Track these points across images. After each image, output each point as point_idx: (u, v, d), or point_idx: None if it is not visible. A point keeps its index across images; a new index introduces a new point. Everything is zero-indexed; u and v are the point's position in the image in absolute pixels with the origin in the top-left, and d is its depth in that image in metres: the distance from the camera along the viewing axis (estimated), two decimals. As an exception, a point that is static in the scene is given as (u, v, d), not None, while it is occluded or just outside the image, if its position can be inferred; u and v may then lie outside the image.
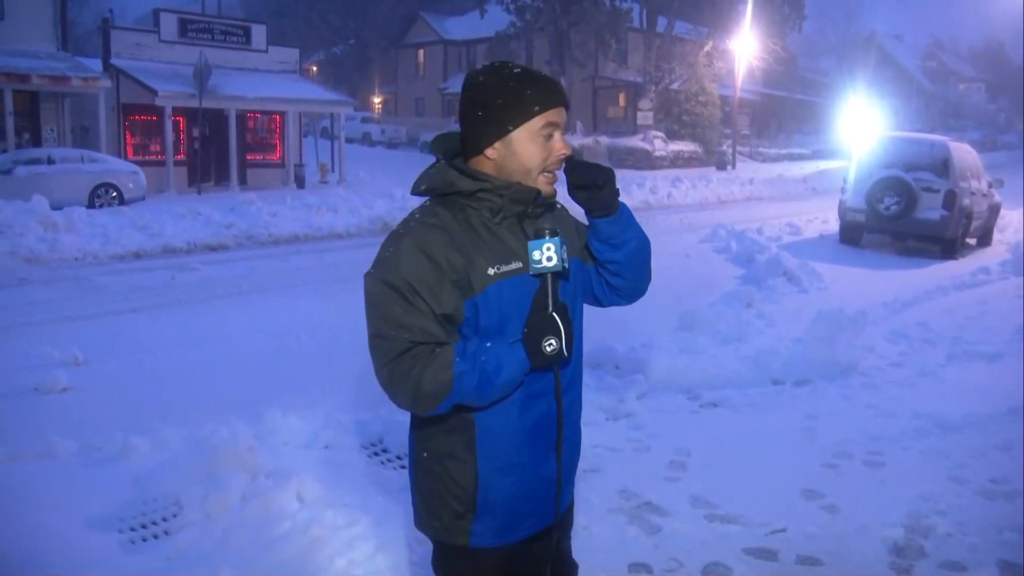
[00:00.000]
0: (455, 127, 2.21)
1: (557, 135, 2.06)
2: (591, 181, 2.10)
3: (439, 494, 2.12)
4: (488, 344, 1.97)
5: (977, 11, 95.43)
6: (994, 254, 14.55)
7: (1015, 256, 13.13)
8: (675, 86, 42.36)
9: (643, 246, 2.27)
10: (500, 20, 43.24)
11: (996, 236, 16.69)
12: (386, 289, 2.00)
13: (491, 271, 1.99)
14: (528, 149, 2.04)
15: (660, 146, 37.94)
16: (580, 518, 4.20)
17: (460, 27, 53.82)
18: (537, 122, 2.03)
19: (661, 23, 42.38)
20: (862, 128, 28.67)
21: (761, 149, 45.73)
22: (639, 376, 6.32)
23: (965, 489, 4.81)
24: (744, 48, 37.83)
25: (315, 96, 27.42)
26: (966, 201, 14.42)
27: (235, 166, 24.09)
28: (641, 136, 38.68)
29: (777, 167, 37.22)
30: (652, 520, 4.26)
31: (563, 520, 2.32)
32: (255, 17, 40.75)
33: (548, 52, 42.86)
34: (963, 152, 15.32)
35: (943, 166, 14.34)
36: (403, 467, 4.99)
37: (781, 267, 11.14)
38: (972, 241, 15.79)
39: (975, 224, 15.28)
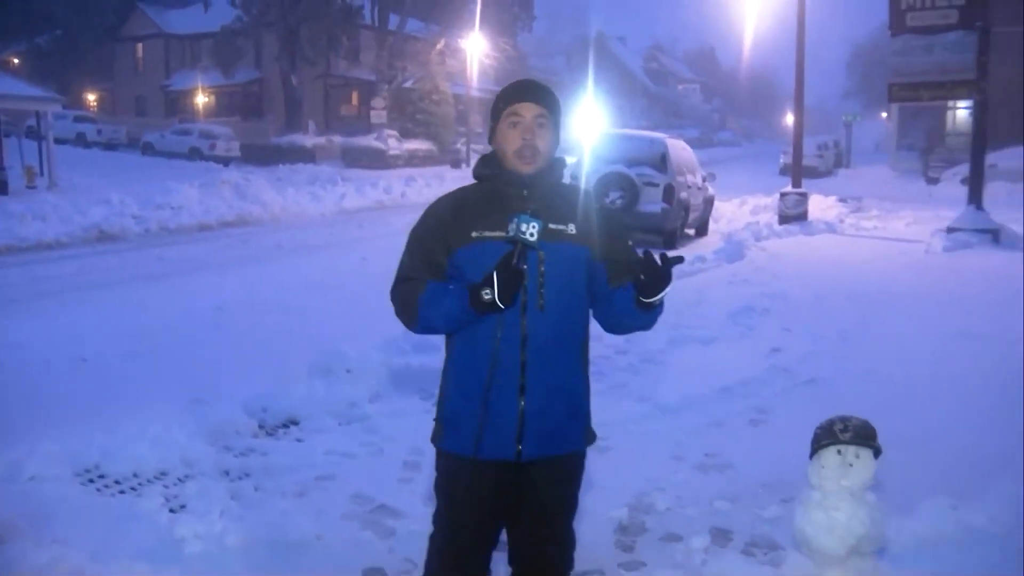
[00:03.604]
0: (179, 126, 2.47)
1: (522, 124, 2.61)
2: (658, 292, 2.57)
3: (436, 402, 2.81)
4: (451, 286, 2.57)
5: (690, 18, 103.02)
6: (709, 243, 15.75)
7: (727, 244, 14.33)
8: (408, 84, 42.76)
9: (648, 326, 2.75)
10: (226, 14, 41.94)
11: (711, 227, 18.12)
12: (408, 237, 2.73)
13: (474, 233, 2.59)
14: (504, 136, 2.64)
15: (394, 145, 38.17)
16: (312, 527, 4.18)
17: (182, 21, 51.64)
18: (506, 115, 2.63)
19: (393, 21, 42.63)
20: (590, 125, 30.12)
21: (496, 147, 46.93)
22: (372, 380, 6.35)
23: (683, 465, 5.22)
24: (476, 47, 38.77)
25: (14, 91, 25.23)
26: (683, 194, 15.55)
27: (-82, 171, 21.75)
28: (375, 135, 38.74)
29: (511, 164, 38.42)
30: (386, 523, 4.31)
31: (537, 470, 2.70)
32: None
33: (277, 49, 41.97)
34: (679, 148, 16.51)
35: (661, 161, 15.40)
36: (122, 492, 4.76)
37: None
38: (691, 232, 17.05)
39: (693, 216, 16.52)
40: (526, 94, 2.64)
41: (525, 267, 2.49)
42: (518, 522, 2.80)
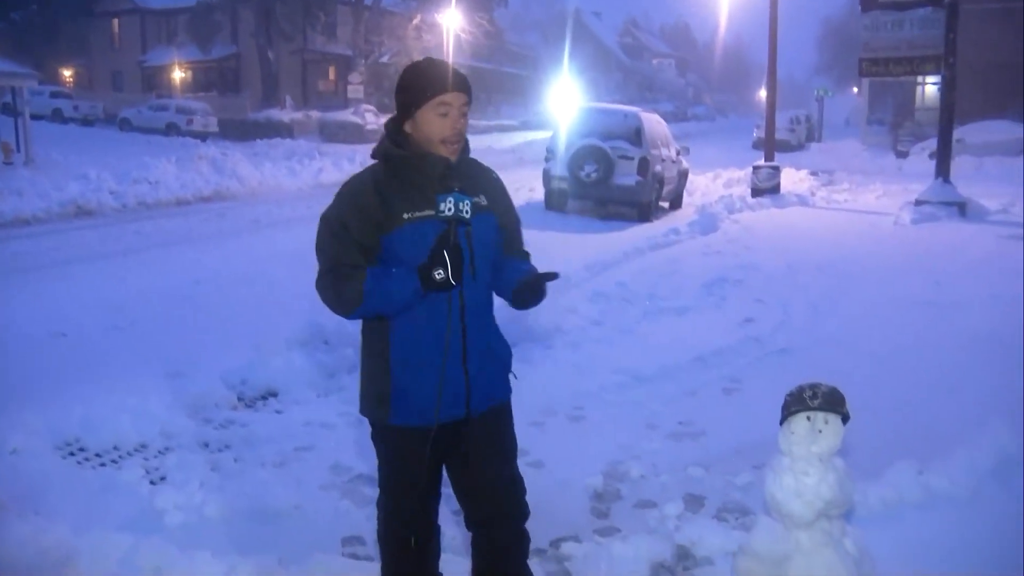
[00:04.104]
0: (156, 102, 2.41)
1: (452, 113, 2.67)
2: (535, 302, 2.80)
3: (367, 382, 2.79)
4: (394, 270, 2.58)
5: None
6: (683, 216, 15.73)
7: (701, 217, 14.35)
8: (385, 59, 42.48)
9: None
10: (201, -12, 41.36)
11: (685, 199, 18.11)
12: (323, 224, 2.70)
13: (405, 215, 2.61)
14: (431, 124, 2.66)
15: (371, 120, 37.82)
16: (291, 497, 4.18)
17: (159, -5, 50.83)
18: (436, 103, 2.65)
19: (369, -5, 42.23)
20: (566, 100, 30.04)
21: (471, 121, 46.73)
22: (350, 350, 6.32)
23: (657, 434, 5.25)
24: (452, 22, 38.47)
25: (-11, 68, 24.88)
26: (658, 167, 15.53)
27: None
28: (352, 110, 38.45)
29: (487, 138, 38.09)
30: (365, 492, 4.31)
31: (480, 423, 2.82)
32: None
33: (254, 24, 41.52)
34: (653, 122, 16.47)
35: (636, 135, 15.36)
36: (102, 465, 4.74)
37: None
38: (665, 204, 17.03)
39: (667, 189, 16.50)
40: (455, 84, 2.70)
41: (457, 242, 2.59)
42: (468, 479, 2.90)
